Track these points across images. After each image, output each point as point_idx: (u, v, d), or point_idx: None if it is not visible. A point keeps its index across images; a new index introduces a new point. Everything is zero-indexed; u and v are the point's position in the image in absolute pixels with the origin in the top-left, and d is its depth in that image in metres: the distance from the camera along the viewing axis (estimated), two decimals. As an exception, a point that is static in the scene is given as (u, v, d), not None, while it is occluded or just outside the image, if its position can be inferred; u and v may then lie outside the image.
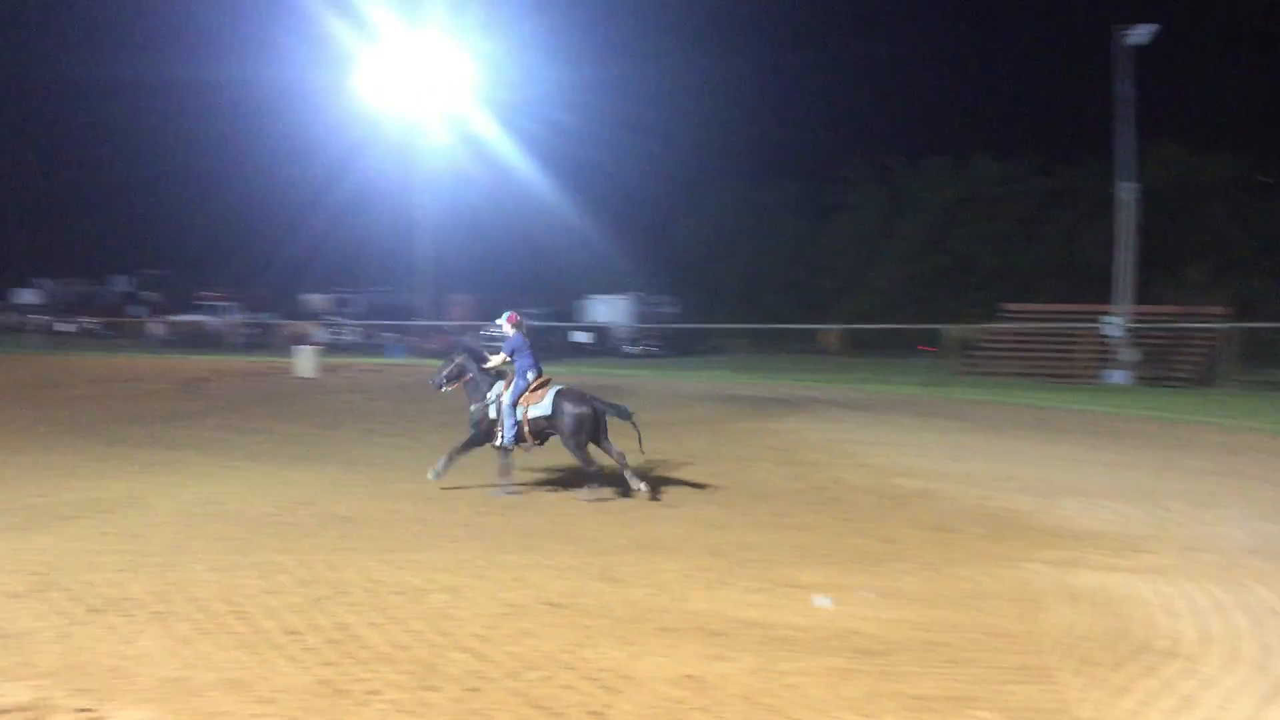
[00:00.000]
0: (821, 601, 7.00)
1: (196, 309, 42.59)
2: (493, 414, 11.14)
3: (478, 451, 11.38)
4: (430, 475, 11.11)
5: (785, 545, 8.92)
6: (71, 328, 43.05)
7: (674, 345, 38.13)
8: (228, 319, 40.50)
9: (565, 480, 11.56)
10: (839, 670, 5.70)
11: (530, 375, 11.09)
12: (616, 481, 10.88)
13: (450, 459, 11.20)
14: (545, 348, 32.37)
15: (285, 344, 35.01)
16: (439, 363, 12.13)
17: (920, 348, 34.24)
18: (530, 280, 48.11)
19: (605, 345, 38.27)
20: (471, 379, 11.45)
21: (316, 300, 45.14)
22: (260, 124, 53.33)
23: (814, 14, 65.99)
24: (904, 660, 5.90)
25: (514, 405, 10.98)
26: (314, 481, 11.81)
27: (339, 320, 39.51)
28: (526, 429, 10.99)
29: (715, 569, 7.98)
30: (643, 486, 10.67)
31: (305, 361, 27.28)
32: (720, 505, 10.77)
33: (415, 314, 39.29)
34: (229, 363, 31.57)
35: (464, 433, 11.52)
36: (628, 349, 37.82)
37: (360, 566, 7.76)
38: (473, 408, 11.40)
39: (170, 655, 5.81)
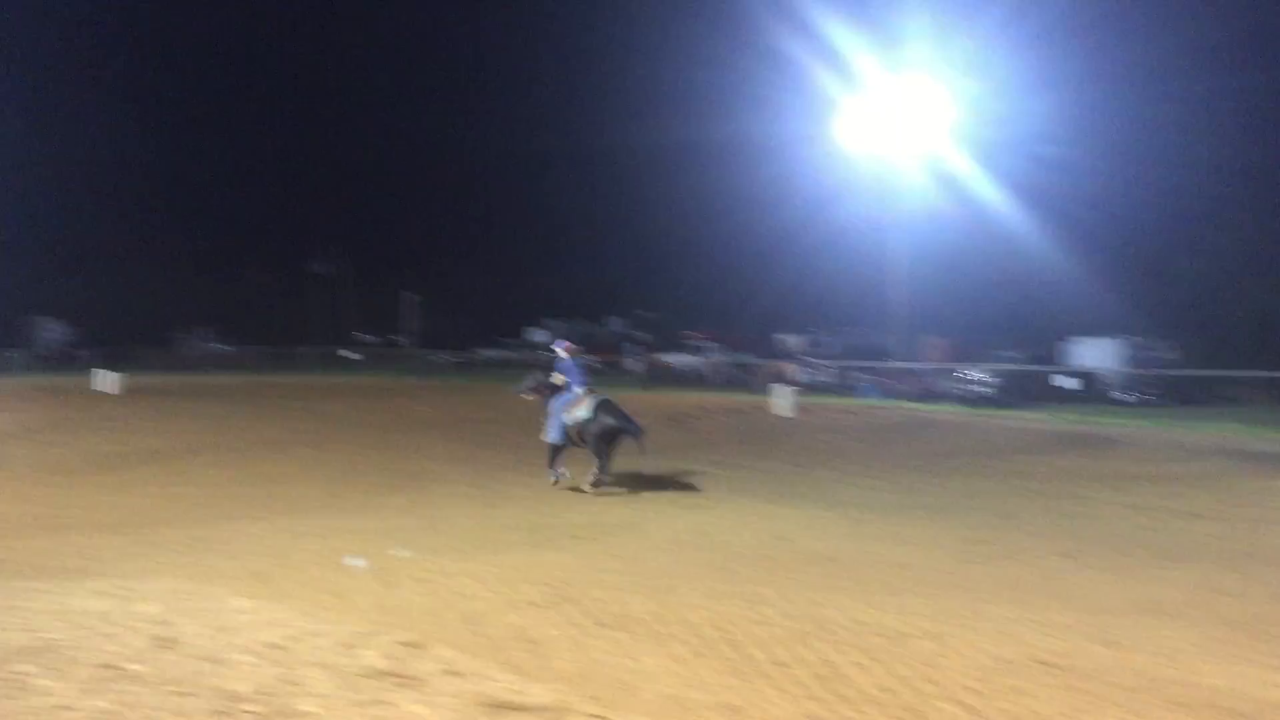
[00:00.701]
0: None
1: (683, 349, 45.27)
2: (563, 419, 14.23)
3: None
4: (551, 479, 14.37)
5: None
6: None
7: (1172, 394, 34.84)
8: (710, 358, 42.66)
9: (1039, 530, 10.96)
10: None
11: (578, 390, 14.44)
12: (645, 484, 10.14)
13: (552, 469, 14.56)
14: (1022, 394, 31.36)
15: (763, 383, 36.21)
16: (914, 404, 12.44)
17: None
18: (1009, 321, 46.23)
19: (1093, 391, 35.82)
20: (546, 390, 14.89)
21: (792, 341, 46.37)
22: (741, 174, 56.08)
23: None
24: None
25: (561, 411, 14.31)
26: (793, 518, 12.10)
27: (814, 360, 40.27)
28: (571, 431, 14.20)
29: (1232, 641, 7.16)
30: (587, 487, 13.78)
31: (783, 400, 28.02)
32: (1232, 570, 9.68)
33: (889, 355, 39.16)
34: (711, 399, 33.18)
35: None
36: (1118, 396, 35.12)
37: (841, 605, 7.80)
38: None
39: (669, 674, 6.16)
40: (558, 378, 14.80)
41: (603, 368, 43.76)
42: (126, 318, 64.15)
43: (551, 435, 14.38)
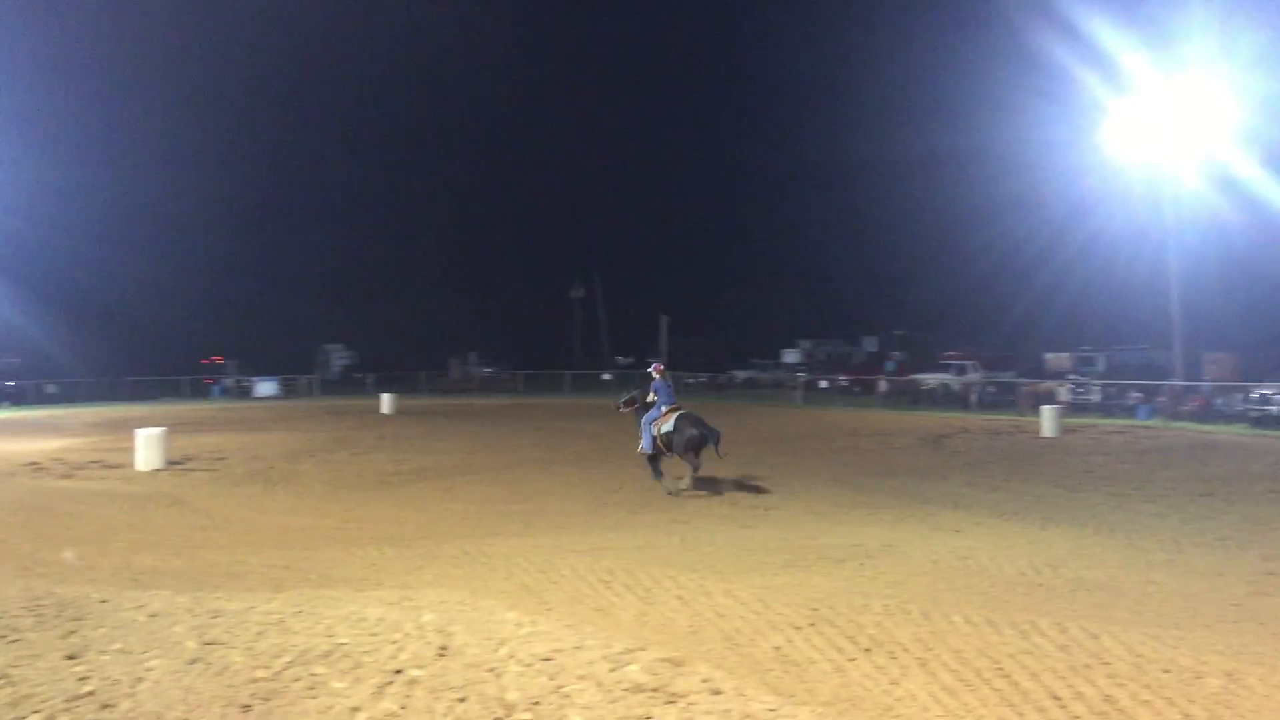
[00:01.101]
0: None
1: (939, 368, 43.96)
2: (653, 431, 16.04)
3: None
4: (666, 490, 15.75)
5: None
6: (826, 384, 46.86)
7: None
8: (968, 377, 41.26)
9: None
10: None
11: (664, 407, 16.23)
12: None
13: (655, 474, 16.29)
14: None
15: (1024, 403, 34.73)
16: (1194, 425, 11.71)
17: None
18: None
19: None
20: (639, 405, 16.74)
21: (1059, 359, 44.17)
22: (997, 184, 54.06)
23: None
24: None
25: (649, 424, 16.13)
26: (1062, 544, 11.52)
27: (1082, 379, 38.21)
28: (659, 441, 16.00)
29: None
30: (681, 488, 15.57)
31: (1048, 421, 26.77)
32: None
33: (1165, 373, 36.66)
34: (970, 420, 32.09)
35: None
36: None
37: (1120, 637, 7.35)
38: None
39: (935, 702, 5.98)
40: (649, 395, 16.61)
41: (858, 389, 43.15)
42: (401, 343, 68.46)
43: (644, 446, 16.24)
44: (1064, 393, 35.60)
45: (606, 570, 9.77)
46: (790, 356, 60.37)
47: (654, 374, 17.01)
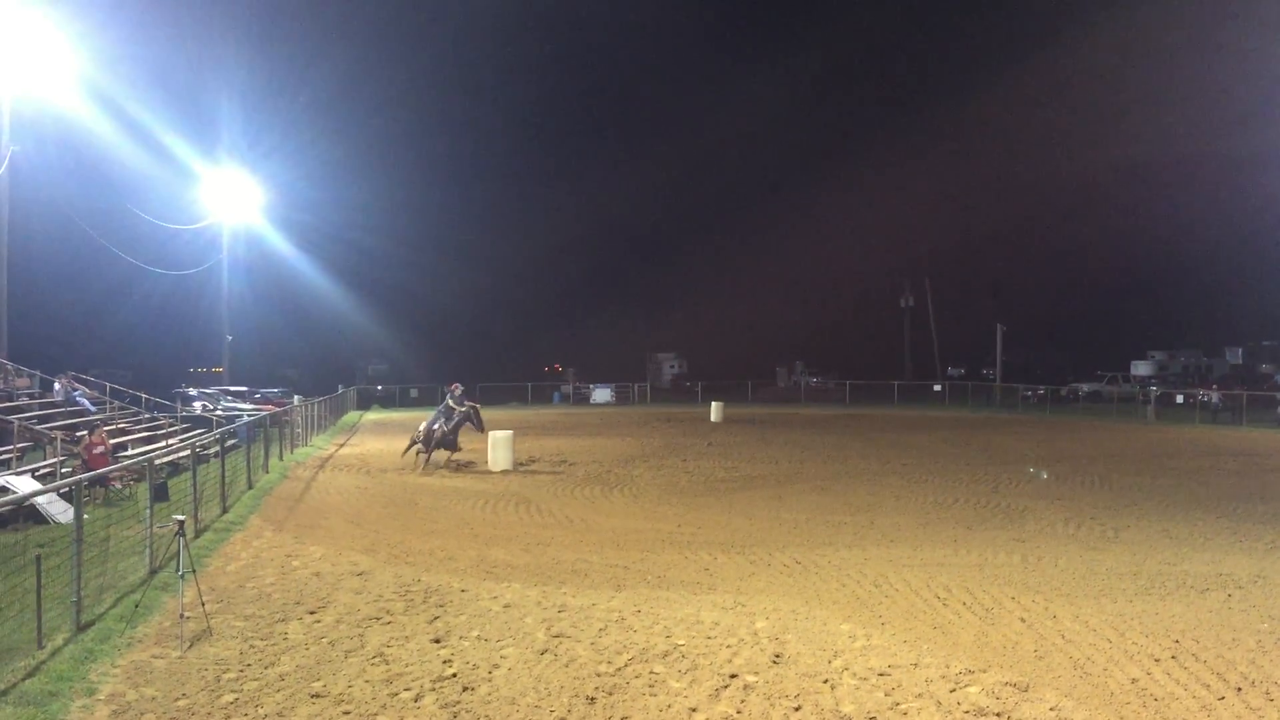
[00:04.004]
0: None
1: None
2: None
3: None
4: None
5: None
6: (1182, 399, 43.25)
7: None
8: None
9: None
10: None
11: None
12: None
13: None
14: None
15: None
16: None
17: None
18: None
19: None
20: None
21: None
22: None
23: None
24: None
25: None
26: None
27: None
28: None
29: None
30: None
31: None
32: None
33: None
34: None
35: None
36: None
37: None
38: None
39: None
40: None
41: (1219, 403, 39.50)
42: (729, 352, 69.63)
43: None
44: None
45: (943, 587, 9.47)
46: (1141, 368, 56.26)
47: None
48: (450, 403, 21.66)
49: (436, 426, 21.18)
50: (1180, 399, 43.02)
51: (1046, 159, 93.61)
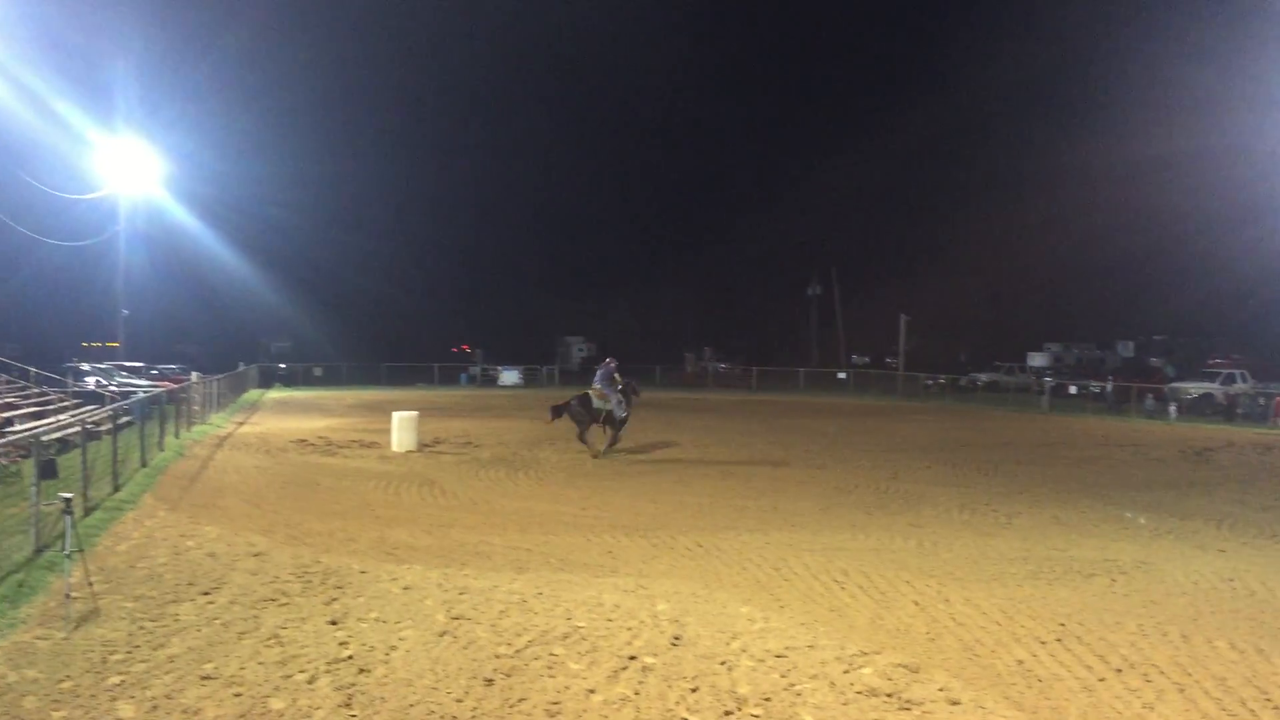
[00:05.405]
0: None
1: (1205, 376, 40.99)
2: None
3: None
4: None
5: None
6: (1075, 390, 44.50)
7: None
8: (1236, 387, 38.27)
9: None
10: None
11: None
12: None
13: None
14: None
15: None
16: None
17: None
18: None
19: None
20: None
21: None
22: (1262, 185, 49.98)
23: None
24: None
25: None
26: (1345, 571, 10.53)
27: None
28: None
29: None
30: None
31: (1327, 437, 24.58)
32: None
33: None
34: (1237, 433, 29.80)
35: None
36: None
37: None
38: None
39: (1195, 731, 5.60)
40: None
41: (1106, 395, 40.75)
42: (638, 336, 69.79)
43: None
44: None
45: (841, 571, 9.64)
46: (1037, 360, 57.76)
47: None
48: (616, 377, 21.44)
49: (605, 401, 21.05)
50: (1074, 390, 44.25)
51: (952, 155, 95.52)
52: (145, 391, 25.03)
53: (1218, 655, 7.01)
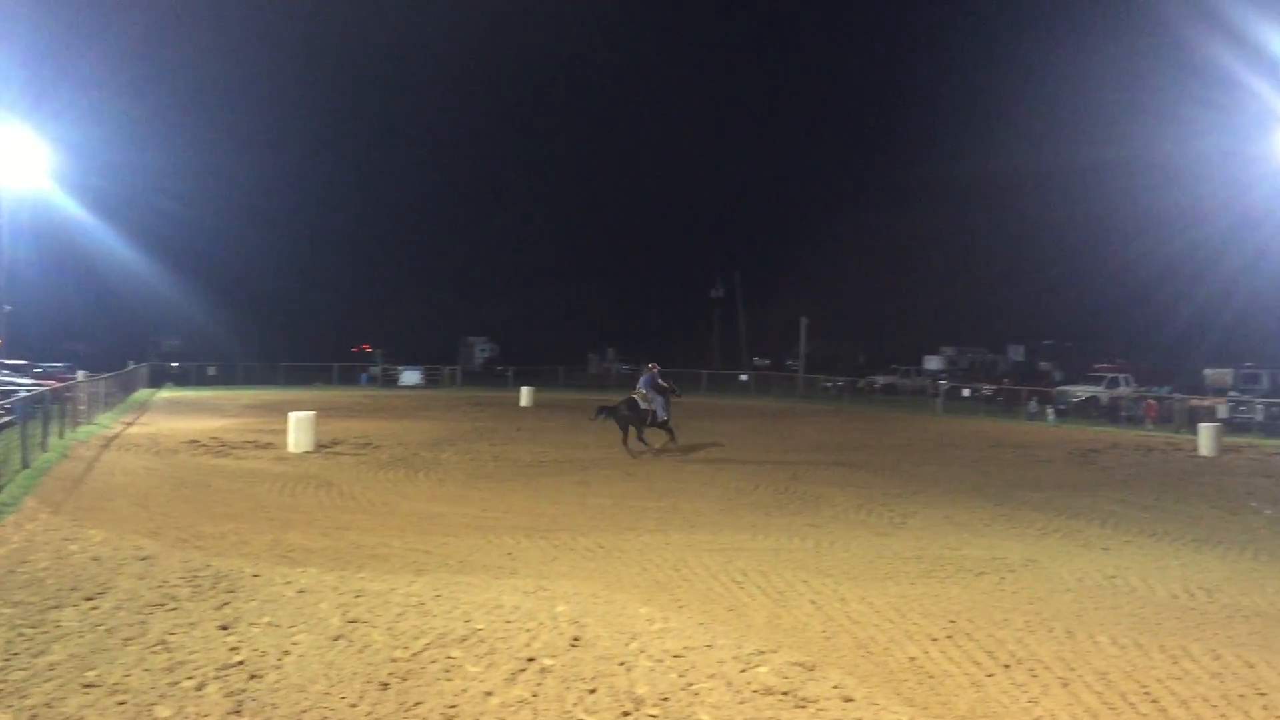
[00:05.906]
0: None
1: (1090, 380, 42.35)
2: None
3: None
4: None
5: None
6: (968, 393, 45.65)
7: None
8: (1120, 391, 39.64)
9: None
10: None
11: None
12: None
13: None
14: None
15: (1181, 419, 33.37)
16: None
17: None
18: None
19: None
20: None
21: (1219, 375, 42.00)
22: (1158, 196, 51.99)
23: None
24: None
25: None
26: (1218, 567, 10.99)
27: (1244, 397, 36.25)
28: None
29: None
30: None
31: (1206, 439, 25.55)
32: None
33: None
34: (1121, 435, 30.89)
35: None
36: None
37: (1279, 667, 6.98)
38: None
39: (1076, 724, 5.78)
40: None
41: (997, 397, 41.89)
42: (542, 337, 69.59)
43: None
44: (1224, 410, 33.94)
45: (739, 571, 9.74)
46: (932, 363, 59.10)
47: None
48: (660, 382, 21.67)
49: (649, 406, 21.26)
50: (966, 393, 45.40)
51: (853, 162, 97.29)
52: (28, 390, 24.15)
53: (1100, 650, 7.25)
